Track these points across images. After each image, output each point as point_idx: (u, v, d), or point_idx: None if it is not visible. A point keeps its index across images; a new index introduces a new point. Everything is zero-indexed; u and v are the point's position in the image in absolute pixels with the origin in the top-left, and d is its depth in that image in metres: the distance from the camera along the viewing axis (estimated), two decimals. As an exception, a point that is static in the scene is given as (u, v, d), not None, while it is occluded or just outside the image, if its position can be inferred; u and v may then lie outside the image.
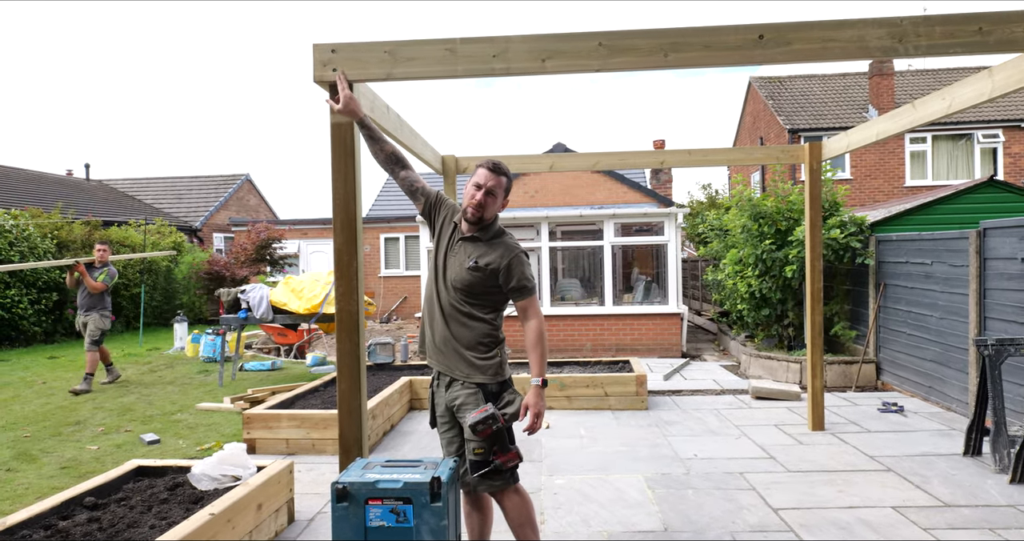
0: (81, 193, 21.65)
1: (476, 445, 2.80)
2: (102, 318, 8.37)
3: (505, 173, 2.93)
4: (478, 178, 2.90)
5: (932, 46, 2.88)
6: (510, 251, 2.90)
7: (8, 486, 4.74)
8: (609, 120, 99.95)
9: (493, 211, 2.92)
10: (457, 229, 2.98)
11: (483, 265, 2.86)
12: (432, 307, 2.98)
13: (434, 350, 2.97)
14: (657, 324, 10.80)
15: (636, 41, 2.94)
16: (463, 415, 2.86)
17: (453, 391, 2.92)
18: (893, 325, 7.58)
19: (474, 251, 2.90)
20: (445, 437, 3.03)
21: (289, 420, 5.56)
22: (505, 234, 2.99)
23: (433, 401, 3.06)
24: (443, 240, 3.01)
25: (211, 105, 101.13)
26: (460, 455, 2.98)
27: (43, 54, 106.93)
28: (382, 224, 19.27)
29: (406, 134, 4.39)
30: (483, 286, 2.88)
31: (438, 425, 3.06)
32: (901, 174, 17.63)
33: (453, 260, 2.93)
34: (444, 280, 2.94)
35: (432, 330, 2.98)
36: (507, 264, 2.87)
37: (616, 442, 5.69)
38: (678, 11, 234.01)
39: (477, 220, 2.89)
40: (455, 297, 2.90)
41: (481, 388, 2.88)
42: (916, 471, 4.76)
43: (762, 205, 8.84)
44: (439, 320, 2.93)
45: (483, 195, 2.87)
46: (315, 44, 3.04)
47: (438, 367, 2.97)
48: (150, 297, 15.85)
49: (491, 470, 2.80)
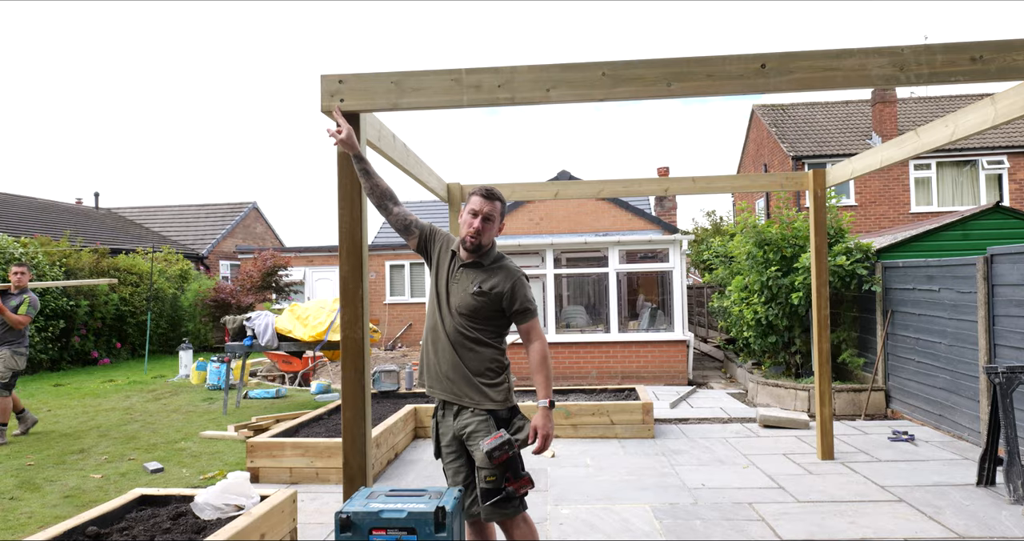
0: (90, 221, 21.83)
1: (488, 473, 2.78)
2: (14, 356, 6.89)
3: (499, 198, 2.98)
4: (473, 205, 2.95)
5: (934, 74, 2.90)
6: (512, 275, 2.96)
7: (11, 515, 4.70)
8: (613, 148, 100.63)
9: (490, 236, 2.97)
10: (456, 257, 3.01)
11: (487, 289, 2.90)
12: (436, 335, 2.98)
13: (440, 378, 2.96)
14: (663, 351, 10.74)
15: (640, 71, 2.97)
16: (474, 443, 2.84)
17: (462, 419, 2.91)
18: (901, 352, 7.52)
19: (476, 277, 2.94)
20: (451, 467, 3.00)
21: (293, 448, 5.52)
22: (504, 258, 3.03)
23: (438, 431, 3.04)
24: (443, 268, 3.03)
25: (219, 134, 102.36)
26: (467, 485, 2.95)
27: (57, 88, 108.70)
28: (387, 251, 19.33)
29: (412, 162, 4.43)
30: (488, 311, 2.91)
31: (443, 455, 3.03)
32: (906, 200, 17.64)
33: (456, 287, 2.95)
34: (448, 307, 2.95)
35: (437, 358, 2.97)
36: (510, 287, 2.92)
37: (623, 471, 5.62)
38: (681, 41, 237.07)
39: (475, 247, 2.93)
40: (461, 323, 2.91)
41: (492, 415, 2.87)
42: (929, 502, 4.68)
43: (767, 232, 8.84)
44: (445, 348, 2.93)
45: (480, 222, 2.91)
46: (323, 75, 3.09)
47: (445, 395, 2.95)
48: (156, 324, 15.88)
49: (502, 498, 2.78)
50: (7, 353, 6.83)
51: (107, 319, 14.47)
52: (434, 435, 3.07)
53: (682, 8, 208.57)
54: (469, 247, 2.93)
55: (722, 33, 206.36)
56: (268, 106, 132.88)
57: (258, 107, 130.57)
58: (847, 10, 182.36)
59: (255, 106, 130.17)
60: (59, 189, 78.29)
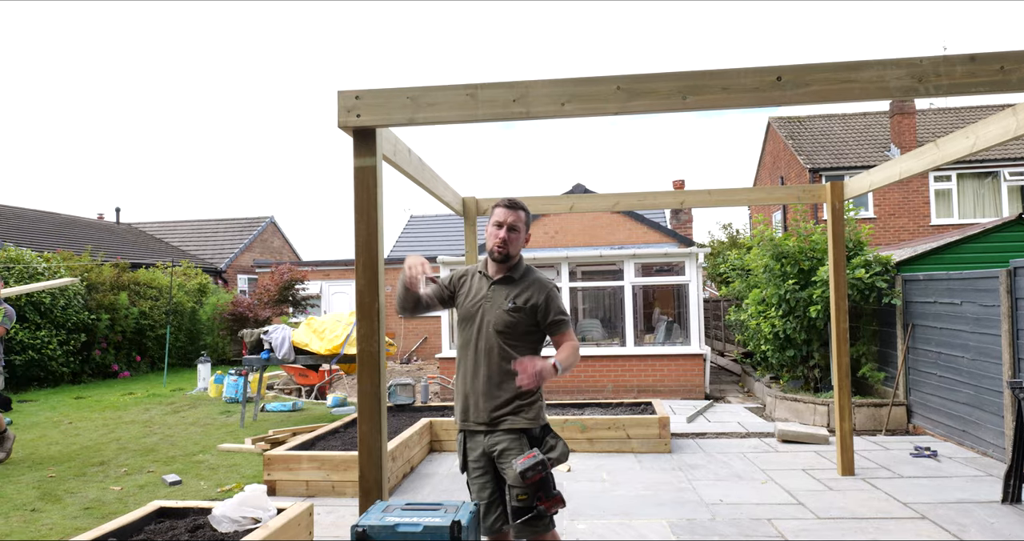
0: (111, 236, 22.14)
1: (520, 491, 2.75)
2: None
3: (522, 207, 2.99)
4: (497, 217, 2.96)
5: (953, 85, 2.88)
6: (544, 286, 2.96)
7: (33, 526, 4.74)
8: (628, 161, 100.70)
9: (518, 247, 2.97)
10: (484, 277, 3.01)
11: (522, 303, 2.90)
12: (468, 358, 2.95)
13: (475, 398, 2.91)
14: (679, 365, 10.67)
15: (654, 84, 2.97)
16: (506, 461, 2.81)
17: (494, 436, 2.88)
18: (923, 366, 7.42)
19: (510, 292, 2.94)
20: (478, 482, 2.96)
21: (309, 462, 5.53)
22: (534, 271, 3.03)
23: (465, 445, 3.00)
24: (474, 291, 3.02)
25: (237, 149, 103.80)
26: (493, 501, 2.92)
27: (80, 107, 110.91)
28: (403, 265, 19.40)
29: (427, 177, 4.46)
30: (524, 326, 2.91)
31: (470, 470, 2.99)
32: (926, 213, 17.46)
33: (490, 305, 2.94)
34: (482, 327, 2.93)
35: (475, 382, 2.93)
36: (544, 299, 2.92)
37: (639, 486, 5.58)
38: (696, 55, 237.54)
39: (504, 257, 2.93)
40: (498, 341, 2.89)
41: (524, 433, 2.85)
42: (952, 519, 4.60)
43: (784, 245, 8.79)
44: (483, 369, 2.90)
45: (505, 232, 2.92)
46: (340, 91, 3.12)
47: (479, 418, 2.90)
48: (175, 338, 16.02)
49: (533, 516, 2.75)
50: None
51: (127, 333, 14.62)
52: (461, 449, 3.03)
53: (696, 23, 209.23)
54: (497, 257, 2.93)
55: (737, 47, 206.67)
56: (286, 122, 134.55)
57: (276, 123, 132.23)
58: (863, 23, 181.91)
59: (273, 122, 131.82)
60: (82, 205, 79.57)
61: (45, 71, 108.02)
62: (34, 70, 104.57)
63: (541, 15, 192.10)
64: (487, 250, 2.98)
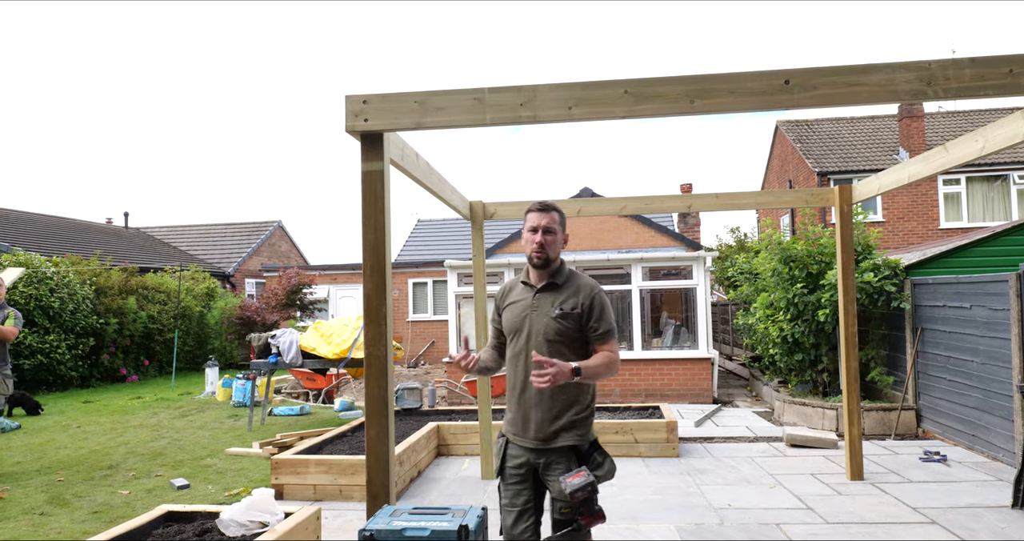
0: (120, 241, 22.27)
1: (564, 505, 2.73)
2: (5, 379, 6.22)
3: (555, 208, 2.91)
4: (531, 222, 2.88)
5: (963, 89, 2.86)
6: (591, 289, 2.87)
7: (41, 530, 4.76)
8: (636, 164, 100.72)
9: (557, 249, 2.89)
10: (527, 285, 2.94)
11: (569, 309, 2.82)
12: (519, 370, 2.87)
13: (525, 411, 2.85)
14: (687, 369, 10.64)
15: (662, 88, 2.97)
16: (552, 475, 2.77)
17: (538, 452, 2.83)
18: (932, 371, 7.37)
19: (556, 298, 2.86)
20: (513, 489, 2.89)
21: (317, 466, 5.54)
22: (578, 274, 2.94)
23: (506, 451, 2.93)
24: (520, 301, 2.94)
25: (245, 154, 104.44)
26: (526, 509, 2.86)
27: (88, 111, 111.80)
28: (410, 269, 19.44)
29: (435, 181, 4.47)
30: (573, 332, 2.83)
31: (507, 476, 2.92)
32: (935, 216, 17.38)
33: (536, 314, 2.86)
34: (531, 337, 2.84)
35: (525, 395, 2.86)
36: (590, 304, 2.84)
37: (647, 490, 5.56)
38: (703, 59, 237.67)
39: (544, 261, 2.85)
40: (548, 350, 2.80)
41: (573, 449, 2.81)
42: (962, 524, 4.56)
43: (792, 248, 8.76)
44: (531, 384, 2.77)
45: (541, 235, 2.84)
46: (347, 95, 3.13)
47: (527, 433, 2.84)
48: (183, 342, 16.09)
49: (572, 529, 2.73)
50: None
51: (135, 337, 14.69)
52: (500, 455, 2.94)
53: (703, 27, 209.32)
54: (537, 263, 2.85)
55: (744, 51, 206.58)
56: (293, 126, 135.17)
57: (284, 127, 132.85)
58: (871, 27, 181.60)
59: (281, 126, 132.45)
60: (90, 209, 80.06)
61: (54, 77, 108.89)
62: (44, 76, 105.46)
63: (547, 20, 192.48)
64: (526, 257, 2.91)
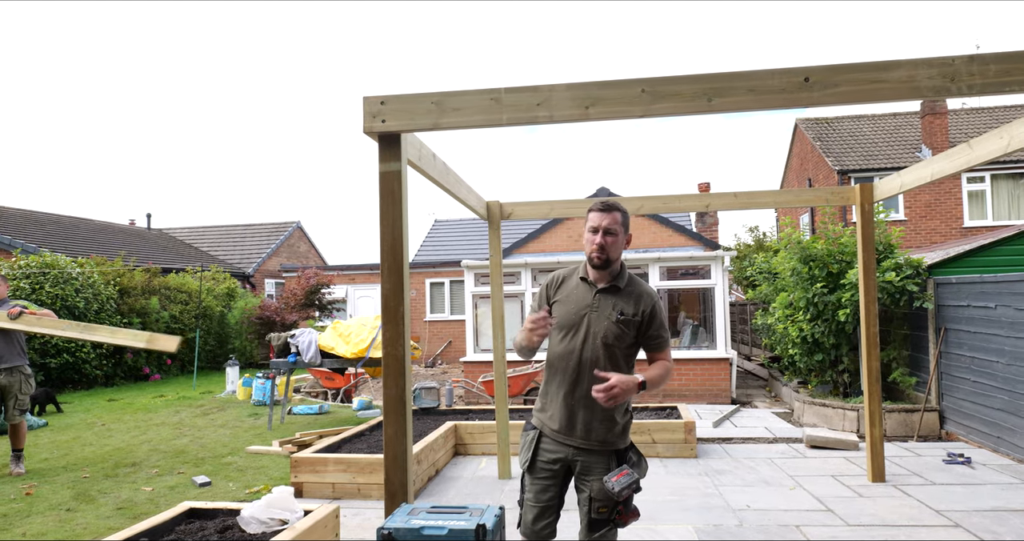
0: (142, 242, 22.55)
1: (601, 505, 2.75)
2: (27, 379, 6.39)
3: (617, 208, 2.87)
4: (592, 222, 2.86)
5: (987, 85, 2.81)
6: (651, 298, 2.87)
7: (67, 526, 4.84)
8: (653, 164, 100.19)
9: (618, 251, 2.86)
10: (587, 283, 2.91)
11: (630, 315, 2.81)
12: (570, 368, 2.84)
13: (573, 412, 2.83)
14: (705, 369, 10.57)
15: (679, 87, 2.95)
16: (590, 475, 2.79)
17: (581, 452, 2.83)
18: (956, 371, 7.27)
19: (617, 302, 2.84)
20: (541, 484, 2.90)
21: (336, 464, 5.58)
22: (638, 280, 2.93)
23: (538, 445, 2.92)
24: (577, 297, 2.90)
25: (265, 155, 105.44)
26: (550, 505, 2.89)
27: (113, 116, 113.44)
28: (428, 269, 19.51)
29: (451, 181, 4.48)
30: (630, 338, 2.83)
31: (536, 471, 2.91)
32: (959, 214, 17.13)
33: (596, 315, 2.83)
34: (588, 337, 2.82)
35: (574, 393, 2.83)
36: (651, 312, 2.84)
37: (665, 491, 5.53)
38: (720, 57, 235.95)
39: (604, 263, 2.83)
40: (604, 353, 2.79)
41: (613, 452, 2.82)
42: (987, 527, 4.50)
43: (812, 248, 8.67)
44: (586, 382, 2.79)
45: (602, 236, 2.82)
46: (365, 97, 3.15)
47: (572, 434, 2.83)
48: (204, 342, 16.26)
49: (608, 529, 2.78)
50: (21, 378, 6.33)
51: (158, 336, 14.86)
52: (531, 448, 2.93)
53: (720, 26, 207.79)
54: (597, 264, 2.83)
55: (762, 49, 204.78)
56: (312, 128, 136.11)
57: (303, 129, 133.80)
58: (892, 24, 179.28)
59: (300, 128, 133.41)
60: (114, 211, 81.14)
61: (79, 80, 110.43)
62: (68, 79, 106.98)
63: (562, 19, 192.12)
64: (586, 256, 2.89)
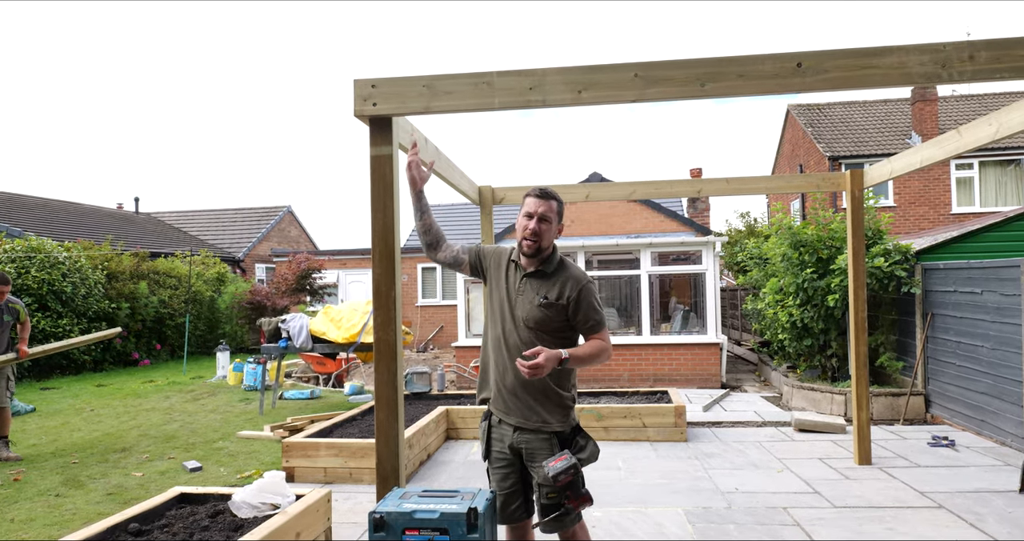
0: (131, 226, 22.37)
1: (549, 490, 2.74)
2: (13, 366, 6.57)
3: (553, 196, 2.86)
4: (527, 207, 2.84)
5: (977, 71, 2.82)
6: (578, 282, 2.83)
7: (56, 511, 4.84)
8: (645, 149, 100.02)
9: (550, 239, 2.85)
10: (518, 266, 2.91)
11: (553, 300, 2.79)
12: (500, 351, 2.86)
13: (506, 397, 2.85)
14: (696, 354, 10.64)
15: (672, 72, 2.95)
16: (535, 461, 2.79)
17: (524, 435, 2.83)
18: (942, 356, 7.35)
19: (542, 286, 2.83)
20: (500, 472, 2.92)
21: (327, 449, 5.59)
22: (569, 264, 2.91)
23: (490, 435, 2.95)
24: (505, 279, 2.92)
25: (255, 139, 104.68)
26: (514, 491, 2.90)
27: (100, 98, 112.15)
28: (419, 254, 19.46)
29: (443, 165, 4.46)
30: (556, 322, 2.81)
31: (492, 460, 2.95)
32: (947, 201, 17.22)
33: (521, 298, 2.84)
34: (514, 320, 2.84)
35: (502, 375, 2.86)
36: (576, 297, 2.80)
37: (655, 474, 5.59)
38: (713, 42, 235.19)
39: (535, 251, 2.82)
40: (529, 337, 2.80)
41: (555, 435, 2.81)
42: (970, 508, 4.57)
43: (803, 233, 8.71)
44: (512, 369, 2.80)
45: (536, 223, 2.80)
46: (356, 80, 3.12)
47: (510, 419, 2.85)
48: (194, 327, 16.20)
49: (561, 513, 2.75)
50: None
51: (147, 321, 14.81)
52: (484, 438, 2.97)
53: (713, 10, 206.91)
54: (527, 251, 2.82)
55: (755, 34, 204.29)
56: (303, 111, 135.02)
57: (293, 112, 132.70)
58: (884, 10, 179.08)
59: (291, 112, 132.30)
60: (101, 194, 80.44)
61: (66, 63, 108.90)
62: (55, 61, 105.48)
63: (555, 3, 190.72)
64: (517, 242, 2.88)
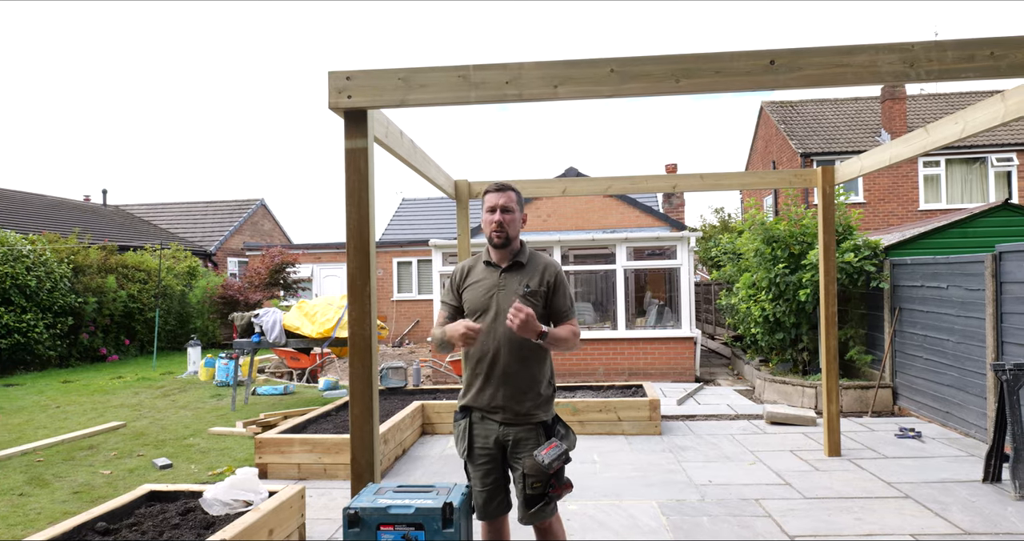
0: (98, 218, 21.94)
1: (535, 480, 2.80)
2: None
3: (511, 188, 2.97)
4: (488, 203, 2.94)
5: (944, 71, 2.88)
6: (554, 268, 2.97)
7: (21, 511, 4.74)
8: (621, 144, 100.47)
9: (516, 228, 2.94)
10: (491, 266, 2.98)
11: (536, 287, 2.90)
12: (488, 348, 2.88)
13: (494, 390, 2.88)
14: (670, 348, 10.73)
15: (648, 67, 2.96)
16: (523, 451, 2.83)
17: (509, 427, 2.88)
18: (909, 349, 7.50)
19: (523, 277, 2.92)
20: (482, 469, 2.94)
21: (301, 445, 5.55)
22: (539, 254, 3.03)
23: (471, 432, 2.96)
24: (483, 281, 2.97)
25: (227, 131, 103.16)
26: (497, 487, 2.94)
27: (65, 86, 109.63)
28: (395, 248, 19.36)
29: (419, 159, 4.43)
30: (538, 309, 2.88)
31: (475, 457, 2.95)
32: (915, 198, 17.55)
33: (503, 293, 2.91)
34: (500, 315, 2.86)
35: (492, 371, 2.89)
36: (554, 282, 2.94)
37: (629, 467, 5.63)
38: (689, 38, 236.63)
39: (504, 241, 2.91)
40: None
41: (541, 424, 2.88)
42: (935, 498, 4.67)
43: (775, 229, 8.82)
44: (502, 359, 2.85)
45: (500, 214, 2.90)
46: (330, 71, 3.09)
47: (496, 413, 2.89)
48: (164, 321, 15.95)
49: (544, 503, 2.82)
50: None
51: (115, 316, 14.55)
52: (466, 436, 2.96)
53: (689, 6, 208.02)
54: (498, 242, 2.90)
55: (730, 31, 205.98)
56: (276, 103, 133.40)
57: (266, 104, 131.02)
58: (855, 9, 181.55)
59: (263, 103, 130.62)
60: (67, 186, 78.70)
61: (32, 52, 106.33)
62: (21, 50, 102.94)
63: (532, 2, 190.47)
64: (486, 237, 2.95)
